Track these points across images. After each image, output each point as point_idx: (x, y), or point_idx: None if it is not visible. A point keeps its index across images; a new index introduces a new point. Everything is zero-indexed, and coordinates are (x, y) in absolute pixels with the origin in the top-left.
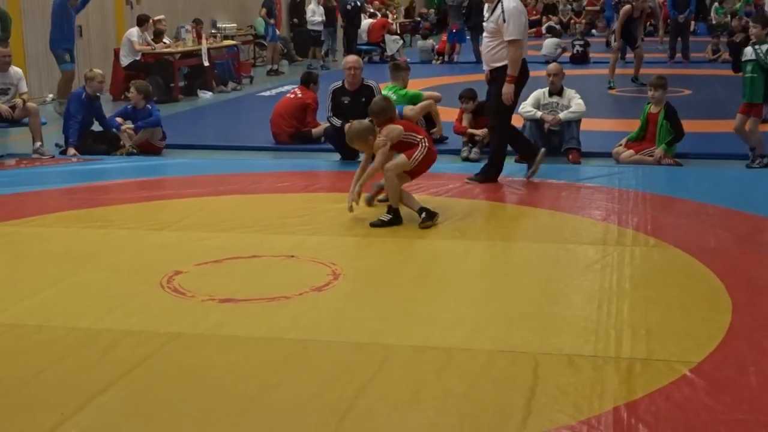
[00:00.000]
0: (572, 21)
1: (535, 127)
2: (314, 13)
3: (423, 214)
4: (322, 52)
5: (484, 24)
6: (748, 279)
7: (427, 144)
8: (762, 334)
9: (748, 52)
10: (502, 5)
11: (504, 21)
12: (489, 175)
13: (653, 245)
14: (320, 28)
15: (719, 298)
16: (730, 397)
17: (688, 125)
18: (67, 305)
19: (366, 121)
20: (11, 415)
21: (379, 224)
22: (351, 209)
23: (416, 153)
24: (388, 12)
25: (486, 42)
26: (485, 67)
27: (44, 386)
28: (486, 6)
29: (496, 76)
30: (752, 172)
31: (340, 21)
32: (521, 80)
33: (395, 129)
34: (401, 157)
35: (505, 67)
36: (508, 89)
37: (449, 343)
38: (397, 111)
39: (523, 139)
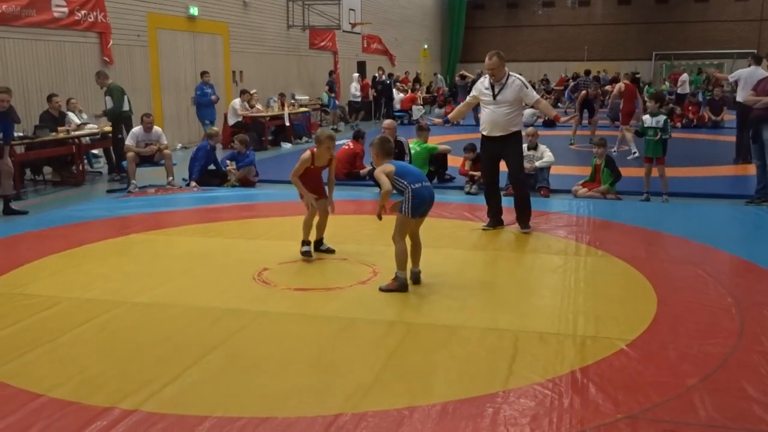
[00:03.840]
0: (545, 96)
1: None
2: (356, 89)
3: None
4: (359, 117)
5: (498, 98)
6: (668, 280)
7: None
8: (678, 321)
9: (648, 120)
10: (513, 79)
11: (526, 88)
12: (527, 219)
13: (601, 255)
14: (359, 100)
15: (648, 294)
16: (655, 365)
17: (626, 171)
18: (188, 291)
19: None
20: (154, 364)
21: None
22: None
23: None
24: (416, 88)
25: (505, 111)
26: (499, 133)
27: (174, 345)
28: (494, 85)
29: (514, 139)
30: (668, 204)
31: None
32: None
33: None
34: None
35: (519, 131)
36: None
37: (454, 323)
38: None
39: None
